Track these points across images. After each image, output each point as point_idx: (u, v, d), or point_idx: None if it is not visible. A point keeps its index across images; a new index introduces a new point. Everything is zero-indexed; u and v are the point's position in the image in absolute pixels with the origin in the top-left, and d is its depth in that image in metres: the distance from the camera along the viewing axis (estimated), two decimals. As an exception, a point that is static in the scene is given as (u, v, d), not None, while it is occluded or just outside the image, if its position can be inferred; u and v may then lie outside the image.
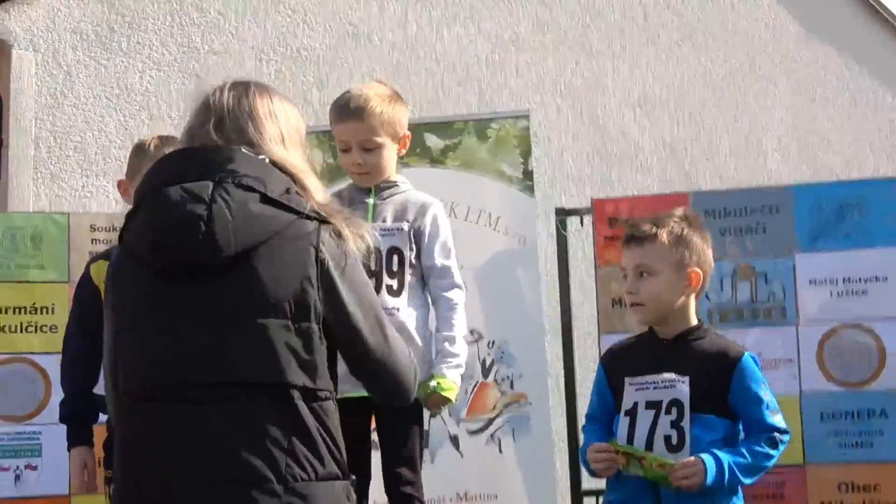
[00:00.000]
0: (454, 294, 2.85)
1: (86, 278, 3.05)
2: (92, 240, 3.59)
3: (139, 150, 3.14)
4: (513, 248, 3.65)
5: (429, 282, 2.84)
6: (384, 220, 2.80)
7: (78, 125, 5.92)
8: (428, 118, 4.20)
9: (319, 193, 1.89)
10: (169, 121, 6.14)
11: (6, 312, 3.53)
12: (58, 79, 5.97)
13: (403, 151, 2.91)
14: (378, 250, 2.67)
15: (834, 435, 3.32)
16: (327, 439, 1.80)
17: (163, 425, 1.79)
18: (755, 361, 2.51)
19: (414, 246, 2.81)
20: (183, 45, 6.27)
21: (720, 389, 2.43)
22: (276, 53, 6.27)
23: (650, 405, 2.43)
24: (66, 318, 3.19)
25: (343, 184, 3.00)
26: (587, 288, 3.73)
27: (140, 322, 1.83)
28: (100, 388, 2.70)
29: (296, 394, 1.76)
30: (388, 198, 2.85)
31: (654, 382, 2.43)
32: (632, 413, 2.45)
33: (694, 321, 2.55)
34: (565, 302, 3.77)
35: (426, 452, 3.60)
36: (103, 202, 5.85)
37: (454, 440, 3.62)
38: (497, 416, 3.63)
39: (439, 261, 2.82)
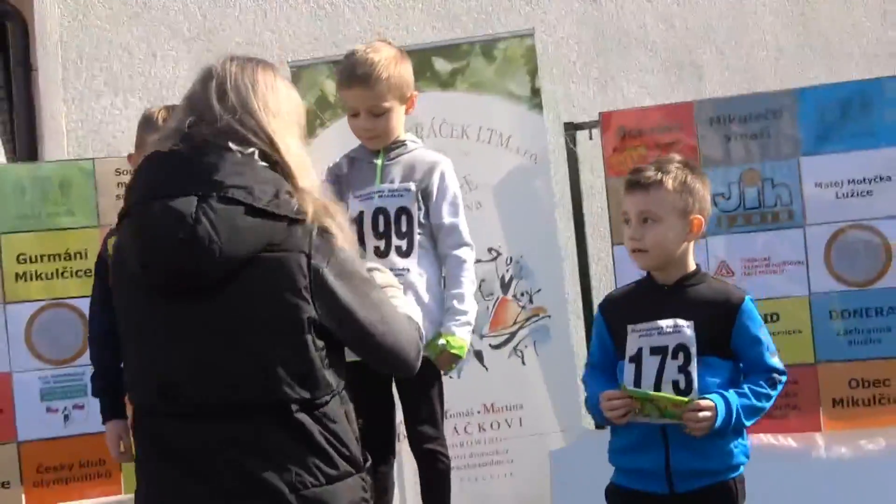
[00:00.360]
0: (463, 252, 2.85)
1: (103, 253, 3.07)
2: (118, 183, 3.62)
3: (146, 121, 3.10)
4: (525, 166, 3.70)
5: (438, 240, 2.85)
6: (392, 181, 2.80)
7: (102, 46, 5.96)
8: (435, 42, 4.19)
9: (308, 180, 1.84)
10: (188, 34, 6.19)
11: (41, 261, 3.59)
12: (79, 1, 6.04)
13: (412, 111, 2.91)
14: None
15: (844, 333, 3.42)
16: (334, 442, 1.80)
17: (168, 442, 1.80)
18: (753, 303, 2.54)
19: (422, 205, 2.82)
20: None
21: (723, 333, 2.45)
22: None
23: (655, 351, 2.42)
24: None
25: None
26: (600, 199, 3.79)
27: (136, 335, 1.84)
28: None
29: (294, 407, 1.76)
30: (395, 158, 2.86)
31: (659, 328, 2.42)
32: (637, 359, 2.44)
33: (692, 266, 2.57)
34: (578, 214, 3.84)
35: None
36: (132, 118, 5.97)
37: (478, 355, 3.74)
38: (518, 329, 3.74)
39: (447, 219, 2.83)
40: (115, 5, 6.04)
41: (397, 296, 2.09)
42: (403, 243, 2.78)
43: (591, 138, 3.76)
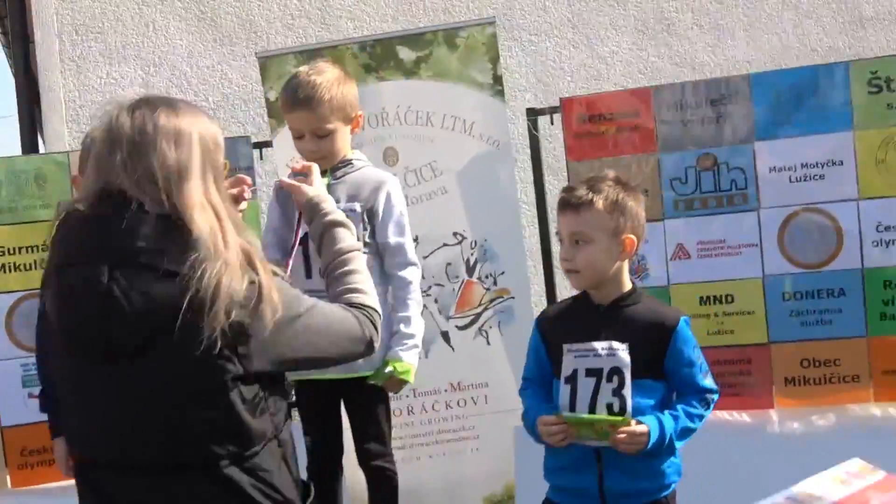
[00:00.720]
0: (408, 272, 2.75)
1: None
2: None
3: (85, 146, 2.83)
4: (488, 151, 3.61)
5: (384, 260, 2.75)
6: (338, 201, 2.61)
7: (96, 16, 5.89)
8: (399, 31, 4.07)
9: (231, 234, 1.71)
10: (180, 4, 6.14)
11: (20, 252, 3.59)
12: None
13: (358, 130, 2.81)
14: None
15: (796, 314, 3.37)
16: (267, 490, 1.73)
17: (107, 494, 1.75)
18: (687, 324, 2.42)
19: (368, 225, 2.71)
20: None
21: (658, 355, 2.36)
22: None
23: (590, 373, 2.33)
24: None
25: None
26: (560, 182, 3.69)
27: (68, 393, 1.79)
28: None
29: (224, 462, 1.69)
30: (341, 177, 2.74)
31: (594, 350, 2.32)
32: (572, 380, 2.35)
33: (628, 286, 2.45)
34: (540, 197, 3.75)
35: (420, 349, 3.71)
36: (127, 87, 5.98)
37: (445, 335, 3.68)
38: (483, 310, 3.67)
39: (392, 238, 2.73)
40: None
41: (360, 269, 2.07)
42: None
43: (552, 123, 3.65)
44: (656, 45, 5.72)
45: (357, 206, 2.69)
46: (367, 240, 2.71)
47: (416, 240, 3.62)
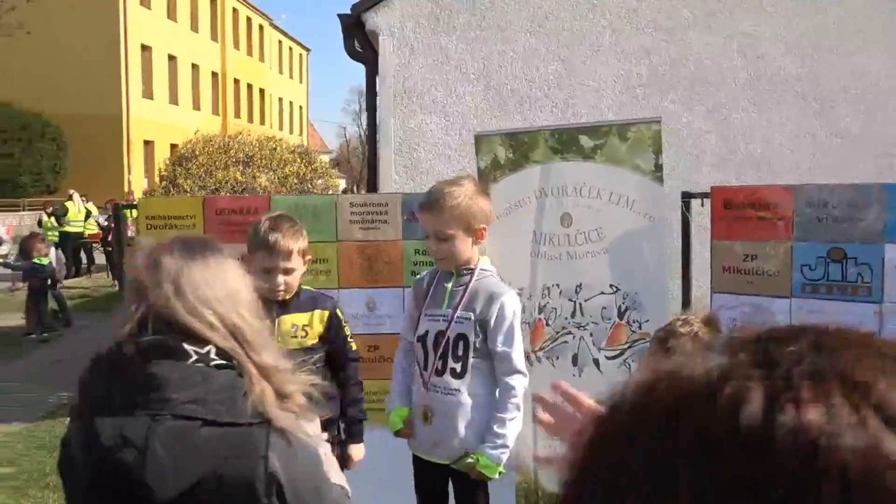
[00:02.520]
0: (514, 380, 2.44)
1: None
2: (350, 212, 3.74)
3: (254, 232, 2.67)
4: (645, 224, 3.43)
5: (494, 365, 2.48)
6: (455, 308, 2.45)
7: (419, 84, 6.71)
8: (582, 123, 3.91)
9: (270, 357, 1.35)
10: (473, 76, 6.54)
11: (299, 264, 3.81)
12: (405, 52, 6.63)
13: (481, 242, 2.55)
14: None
15: None
16: None
17: None
18: None
19: (480, 332, 2.47)
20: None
21: None
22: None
23: None
24: (335, 266, 3.52)
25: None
26: (706, 252, 3.43)
27: None
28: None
29: None
30: (462, 285, 2.52)
31: None
32: None
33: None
34: (686, 264, 3.50)
35: (575, 368, 3.61)
36: (435, 131, 6.57)
37: (595, 362, 3.60)
38: (628, 348, 3.55)
39: (501, 347, 2.44)
40: (428, 56, 6.57)
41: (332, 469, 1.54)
42: (458, 366, 2.47)
43: (702, 206, 3.37)
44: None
45: (471, 315, 2.45)
46: (478, 345, 2.46)
47: (579, 286, 3.55)
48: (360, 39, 7.20)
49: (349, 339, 3.06)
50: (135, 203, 3.89)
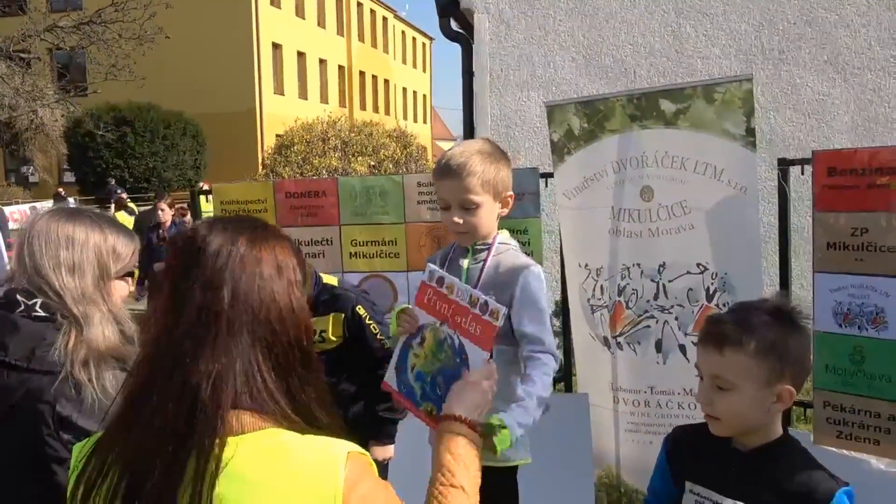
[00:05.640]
0: (546, 358, 2.04)
1: None
2: (419, 192, 3.67)
3: None
4: (735, 195, 3.14)
5: (522, 346, 2.08)
6: (474, 285, 2.07)
7: (517, 59, 6.66)
8: (663, 86, 3.60)
9: (93, 327, 1.55)
10: (573, 49, 6.40)
11: (367, 244, 3.81)
12: (501, 28, 6.68)
13: (506, 211, 2.18)
14: None
15: None
16: None
17: None
18: (849, 498, 1.55)
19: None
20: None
21: None
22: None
23: None
24: (405, 248, 3.41)
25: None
26: (802, 231, 3.05)
27: None
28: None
29: None
30: (480, 261, 2.15)
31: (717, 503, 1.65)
32: None
33: (778, 433, 1.64)
34: (783, 241, 3.13)
35: (659, 355, 3.36)
36: (532, 107, 6.55)
37: (682, 348, 3.35)
38: (717, 333, 3.20)
39: (530, 328, 2.06)
40: (525, 30, 6.54)
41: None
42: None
43: (802, 174, 3.00)
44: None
45: (490, 295, 1.95)
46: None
47: (662, 266, 3.28)
48: (456, 18, 7.10)
49: (377, 336, 2.93)
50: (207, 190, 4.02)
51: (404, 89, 51.43)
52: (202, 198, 3.85)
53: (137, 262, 1.73)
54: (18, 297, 1.56)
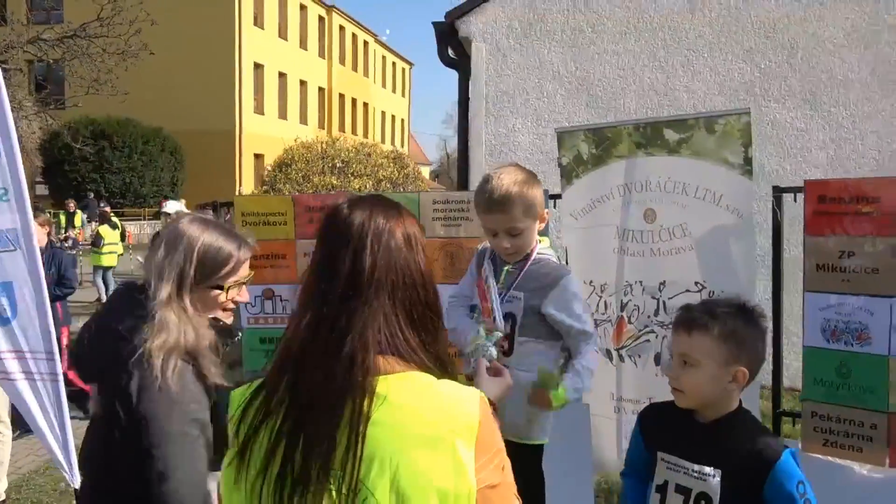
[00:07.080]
0: (592, 339, 2.38)
1: None
2: (433, 209, 3.84)
3: None
4: (732, 220, 3.36)
5: (572, 333, 2.38)
6: (509, 288, 2.39)
7: (512, 87, 6.98)
8: (667, 117, 3.86)
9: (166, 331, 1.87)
10: (565, 79, 6.65)
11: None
12: (497, 58, 6.90)
13: (542, 225, 2.50)
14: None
15: None
16: None
17: None
18: (793, 457, 1.83)
19: (532, 313, 2.41)
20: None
21: (755, 488, 1.80)
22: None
23: (680, 489, 1.90)
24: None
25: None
26: (794, 254, 3.31)
27: None
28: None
29: None
30: (519, 267, 2.45)
31: (685, 468, 1.89)
32: (662, 490, 1.94)
33: (733, 406, 1.92)
34: (776, 261, 3.39)
35: (657, 368, 3.56)
36: (525, 134, 6.77)
37: (680, 362, 3.51)
38: (714, 348, 3.43)
39: (576, 326, 2.37)
40: (520, 60, 6.75)
41: None
42: (505, 343, 2.38)
43: (795, 201, 3.26)
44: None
45: (521, 295, 2.39)
46: (526, 324, 2.39)
47: (663, 284, 3.51)
48: (453, 46, 7.39)
49: None
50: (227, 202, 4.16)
51: (383, 113, 51.87)
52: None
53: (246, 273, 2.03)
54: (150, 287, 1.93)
